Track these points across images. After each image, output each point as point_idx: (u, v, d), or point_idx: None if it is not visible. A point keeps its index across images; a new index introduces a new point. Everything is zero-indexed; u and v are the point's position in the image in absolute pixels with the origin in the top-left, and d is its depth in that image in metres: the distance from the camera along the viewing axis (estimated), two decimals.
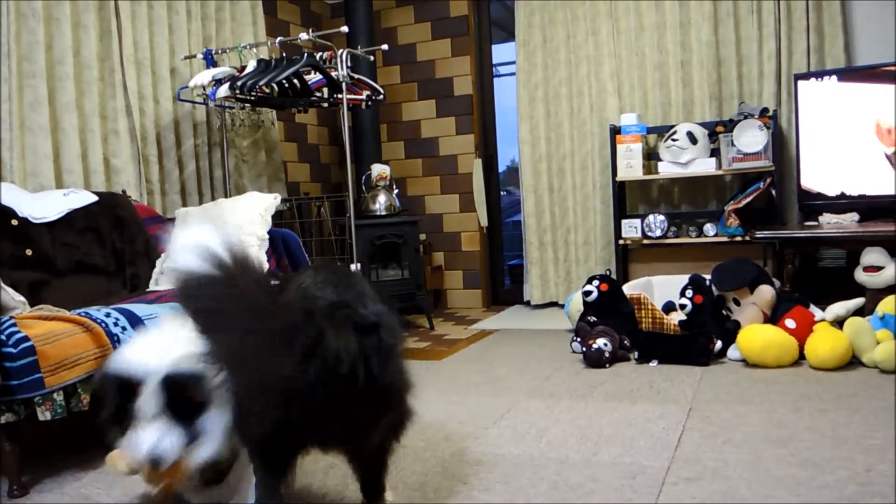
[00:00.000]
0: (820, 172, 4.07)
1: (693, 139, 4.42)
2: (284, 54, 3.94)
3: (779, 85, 4.51)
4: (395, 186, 4.91)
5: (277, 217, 3.59)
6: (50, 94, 3.43)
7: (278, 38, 4.02)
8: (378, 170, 4.83)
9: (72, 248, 3.09)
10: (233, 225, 3.28)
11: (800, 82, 4.13)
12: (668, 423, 2.44)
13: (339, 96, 4.11)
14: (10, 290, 2.49)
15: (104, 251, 3.23)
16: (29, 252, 2.92)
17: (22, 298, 2.56)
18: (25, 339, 2.07)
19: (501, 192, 5.88)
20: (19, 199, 3.02)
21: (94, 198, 3.27)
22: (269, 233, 3.34)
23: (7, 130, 3.22)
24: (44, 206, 3.09)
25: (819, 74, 4.10)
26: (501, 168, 5.90)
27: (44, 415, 2.09)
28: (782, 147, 4.41)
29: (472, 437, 2.40)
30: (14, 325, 2.10)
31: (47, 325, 2.20)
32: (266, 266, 3.23)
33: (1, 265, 2.73)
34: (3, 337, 2.04)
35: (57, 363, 2.12)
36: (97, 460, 2.37)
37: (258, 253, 3.16)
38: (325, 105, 4.39)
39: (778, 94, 4.51)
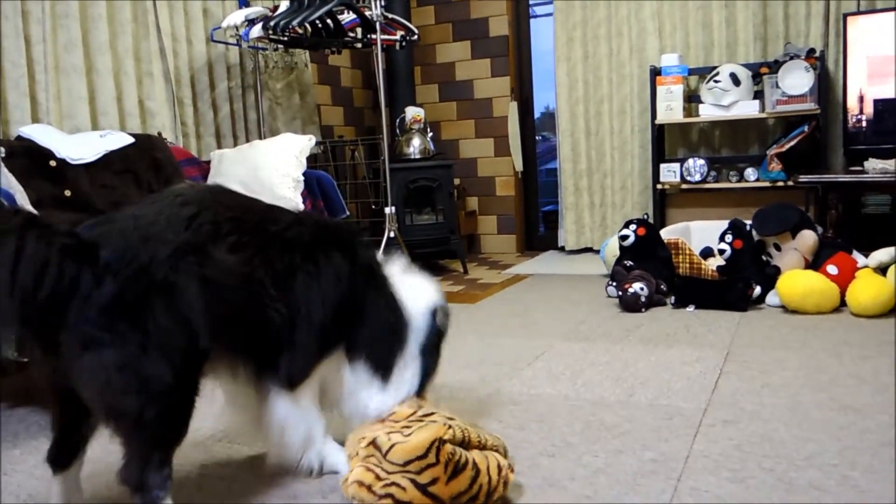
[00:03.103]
0: (867, 116, 3.93)
1: (736, 81, 4.30)
2: None
3: (827, 24, 4.34)
4: (429, 130, 4.86)
5: (312, 160, 3.58)
6: (84, 35, 3.42)
7: None
8: (412, 112, 4.78)
9: (109, 190, 3.12)
10: (268, 166, 3.28)
11: (849, 21, 3.96)
12: (705, 366, 2.42)
13: (373, 37, 4.05)
14: None
15: (141, 192, 3.25)
16: (68, 193, 2.94)
17: None
18: None
19: (536, 137, 5.79)
20: (57, 140, 3.04)
21: (131, 140, 3.28)
22: (303, 174, 3.33)
23: (42, 72, 3.22)
24: (81, 147, 3.10)
25: (870, 13, 3.93)
26: (536, 114, 5.81)
27: None
28: (829, 89, 4.27)
29: (506, 378, 2.41)
30: None
31: None
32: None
33: (41, 205, 2.75)
34: None
35: None
36: None
37: (293, 194, 3.16)
38: (359, 46, 4.33)
39: (826, 34, 4.35)
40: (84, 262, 1.29)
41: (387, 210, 4.12)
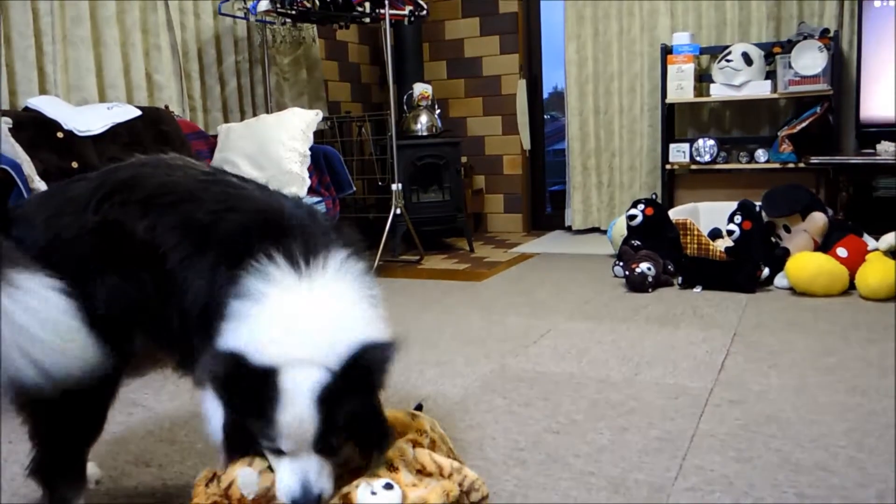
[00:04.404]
0: (880, 98, 3.89)
1: (748, 60, 4.25)
2: None
3: (841, 4, 4.28)
4: (436, 107, 4.83)
5: (318, 136, 3.56)
6: (91, 8, 3.40)
7: None
8: (420, 89, 4.74)
9: (116, 162, 3.10)
10: (275, 140, 3.26)
11: (864, 1, 3.90)
12: (712, 346, 2.41)
13: (382, 11, 4.01)
14: None
15: None
16: (75, 164, 2.93)
17: None
18: None
19: (545, 116, 5.75)
20: (64, 112, 3.02)
21: (138, 112, 3.26)
22: (310, 149, 3.32)
23: (50, 44, 3.21)
24: (88, 119, 3.09)
25: None
26: (545, 93, 5.76)
27: None
28: (842, 70, 4.21)
29: (511, 355, 2.40)
30: None
31: None
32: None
33: (48, 177, 2.74)
34: None
35: None
36: (142, 367, 2.42)
37: (300, 169, 3.14)
38: (367, 21, 4.30)
39: (840, 13, 4.29)
40: None
41: (393, 187, 4.11)
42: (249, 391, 1.08)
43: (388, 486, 1.17)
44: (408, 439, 1.32)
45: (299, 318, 1.11)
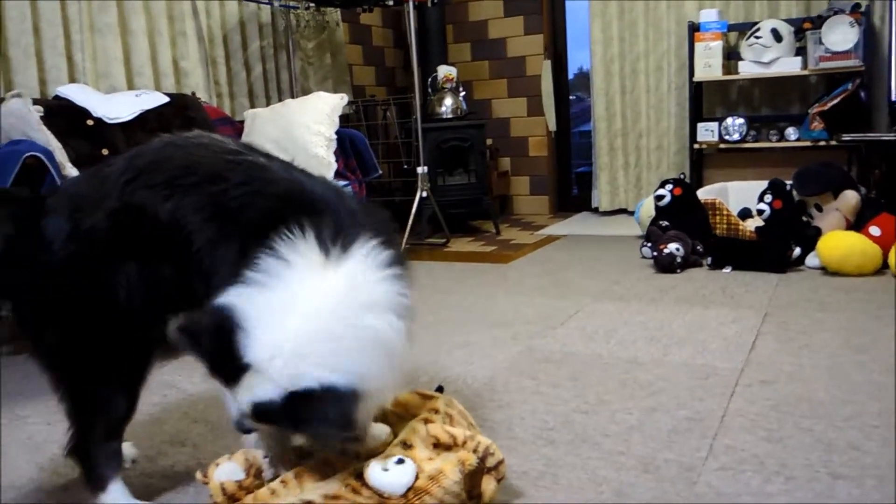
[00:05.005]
0: None
1: (778, 37, 4.17)
2: None
3: None
4: (461, 89, 4.81)
5: (343, 120, 3.56)
6: None
7: None
8: (444, 72, 4.73)
9: None
10: (300, 125, 3.28)
11: None
12: (742, 327, 2.39)
13: None
14: None
15: None
16: (105, 151, 2.97)
17: None
18: None
19: (570, 97, 5.71)
20: (93, 99, 3.06)
21: (166, 99, 3.29)
22: (336, 133, 3.33)
23: (77, 32, 3.24)
24: (117, 106, 3.12)
25: None
26: (570, 74, 5.70)
27: None
28: (874, 45, 4.12)
29: (539, 337, 2.40)
30: None
31: None
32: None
33: (79, 164, 2.78)
34: None
35: None
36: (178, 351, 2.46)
37: (326, 153, 3.15)
38: (391, 4, 4.28)
39: None
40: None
41: (419, 170, 4.11)
42: (216, 354, 1.13)
43: (400, 461, 1.21)
44: (420, 418, 1.35)
45: (289, 331, 1.10)
